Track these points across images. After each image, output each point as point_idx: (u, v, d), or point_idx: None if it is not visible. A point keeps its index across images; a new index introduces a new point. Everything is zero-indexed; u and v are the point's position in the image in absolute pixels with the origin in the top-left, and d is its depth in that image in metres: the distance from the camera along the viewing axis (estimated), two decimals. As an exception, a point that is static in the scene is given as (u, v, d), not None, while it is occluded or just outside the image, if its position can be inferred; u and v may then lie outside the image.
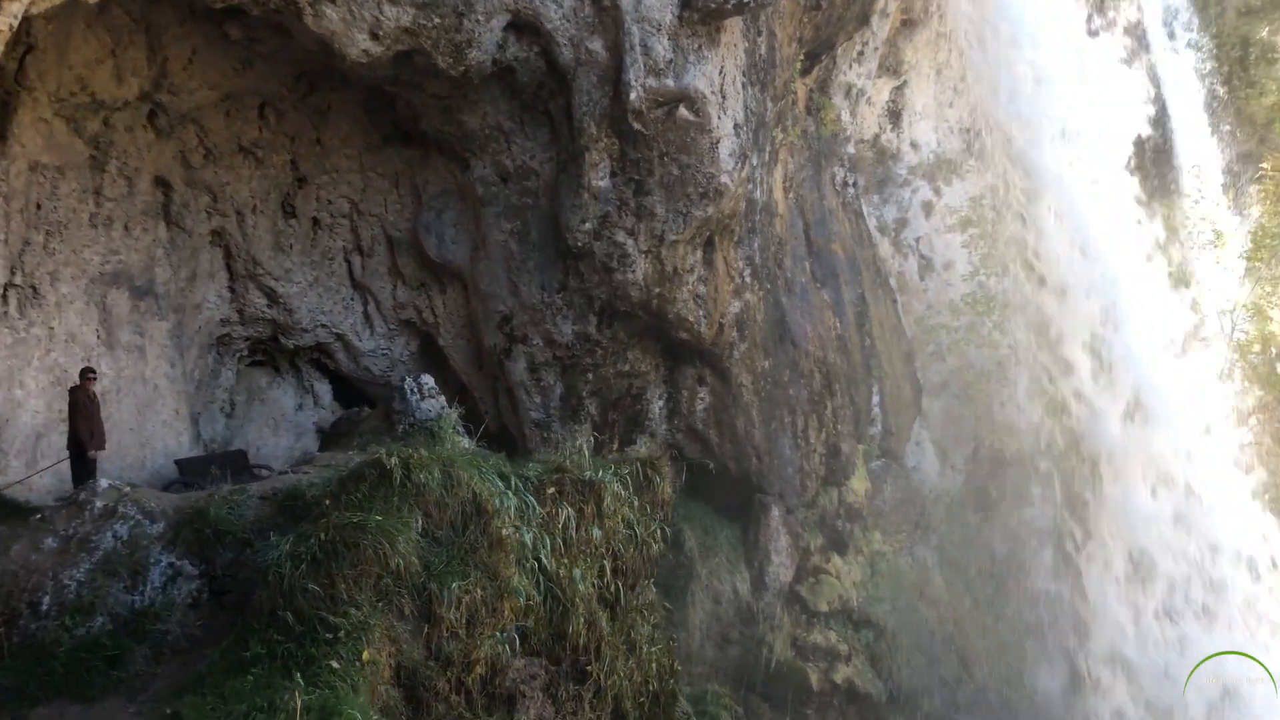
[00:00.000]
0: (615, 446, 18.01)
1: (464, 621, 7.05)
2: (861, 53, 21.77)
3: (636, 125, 15.27)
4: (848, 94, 21.84)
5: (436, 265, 18.49)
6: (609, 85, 15.25)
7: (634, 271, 16.28)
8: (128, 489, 7.50)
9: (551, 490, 7.75)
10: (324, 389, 20.90)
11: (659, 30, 14.90)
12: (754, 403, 18.07)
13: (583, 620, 7.64)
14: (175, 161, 17.06)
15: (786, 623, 17.67)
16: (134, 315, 16.75)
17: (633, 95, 14.92)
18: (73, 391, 14.91)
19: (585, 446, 10.57)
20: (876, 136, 26.33)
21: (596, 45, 15.18)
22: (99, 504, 7.28)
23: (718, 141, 15.69)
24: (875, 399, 20.78)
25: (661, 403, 18.06)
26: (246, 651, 6.74)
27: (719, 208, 16.18)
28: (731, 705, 14.18)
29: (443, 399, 9.58)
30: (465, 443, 9.27)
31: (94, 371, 14.97)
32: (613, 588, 8.16)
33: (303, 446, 20.42)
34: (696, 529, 17.94)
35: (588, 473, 8.27)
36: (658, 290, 16.47)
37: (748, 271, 17.67)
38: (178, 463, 16.80)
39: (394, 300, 19.37)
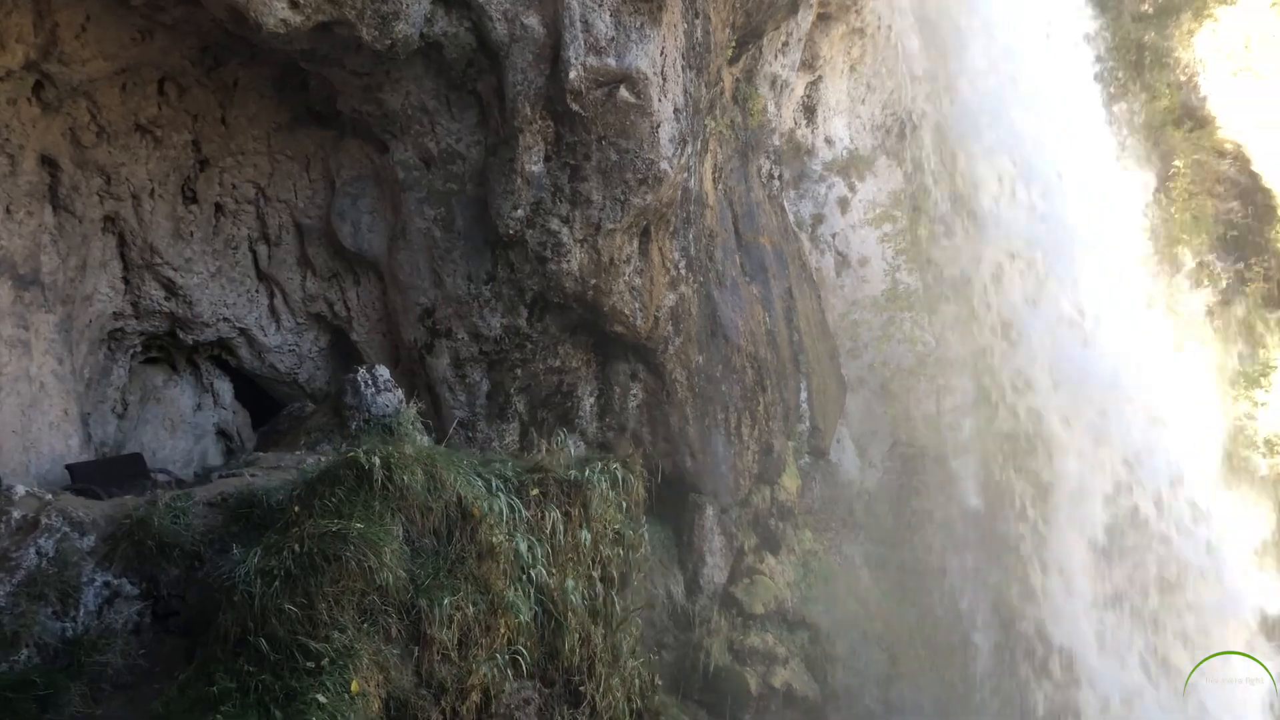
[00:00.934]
0: (545, 447, 17.18)
1: (456, 642, 6.21)
2: (786, 43, 21.38)
3: (575, 106, 14.49)
4: (773, 85, 21.42)
5: (351, 255, 17.40)
6: (545, 64, 14.44)
7: (569, 261, 15.49)
8: (49, 496, 6.44)
9: (535, 492, 6.96)
10: (225, 388, 19.55)
11: (600, 6, 14.17)
12: (688, 399, 17.45)
13: (576, 636, 6.86)
14: (64, 139, 15.60)
15: (723, 626, 17.10)
16: (17, 307, 15.21)
17: (572, 74, 14.14)
18: None
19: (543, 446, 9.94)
20: (792, 131, 26.05)
21: (533, 21, 14.36)
22: (16, 514, 6.20)
23: (658, 126, 15.01)
24: (804, 395, 20.40)
25: (593, 400, 17.30)
26: (212, 686, 5.68)
27: (658, 195, 15.51)
28: (679, 716, 13.48)
29: (399, 392, 8.69)
30: (425, 440, 8.40)
31: None
32: (602, 598, 7.40)
33: (202, 450, 19.08)
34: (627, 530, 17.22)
35: (572, 472, 7.49)
36: (593, 281, 15.72)
37: (683, 263, 17.04)
38: (69, 468, 15.37)
39: (303, 292, 18.18)
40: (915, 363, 23.80)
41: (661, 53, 14.83)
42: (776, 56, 21.28)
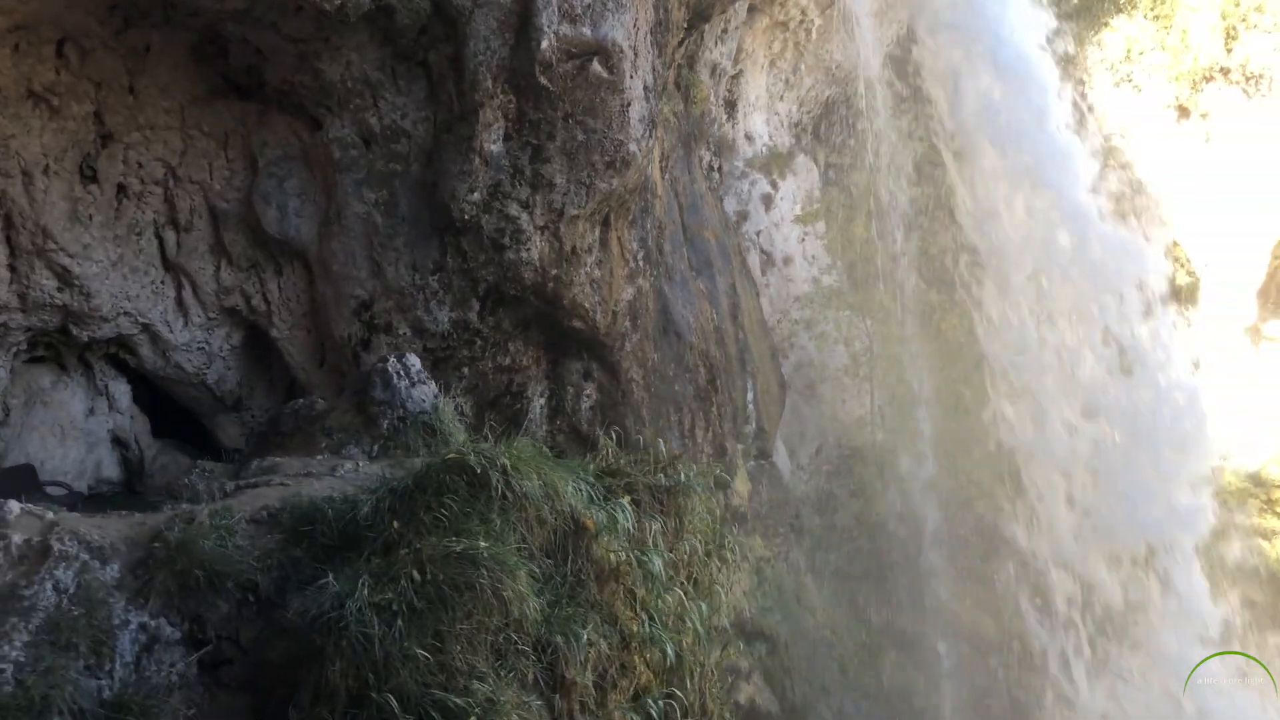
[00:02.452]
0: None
1: (593, 685, 5.06)
2: (725, 31, 20.61)
3: (543, 80, 13.30)
4: (713, 73, 20.62)
5: (275, 242, 15.75)
6: (510, 32, 13.20)
7: (528, 250, 14.27)
8: (49, 514, 5.00)
9: (627, 499, 5.83)
10: (121, 390, 17.62)
11: (576, -31, 13.03)
12: (644, 400, 16.39)
13: (695, 672, 5.72)
14: (-56, 106, 13.62)
15: (685, 640, 16.06)
16: (-111, 297, 13.20)
17: (544, 44, 12.95)
18: None
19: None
20: (717, 125, 25.34)
21: (500, -16, 13.12)
22: (17, 538, 4.74)
23: (629, 104, 13.93)
24: (750, 395, 19.58)
25: (543, 401, 16.06)
26: (327, 762, 4.43)
27: (624, 180, 14.44)
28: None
29: (433, 384, 7.41)
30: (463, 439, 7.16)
31: None
32: (708, 621, 6.27)
33: (96, 459, 17.14)
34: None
35: (660, 476, 6.35)
36: (554, 272, 14.53)
37: (641, 255, 16.00)
38: (-46, 482, 13.44)
39: (216, 284, 16.43)
40: (847, 363, 23.28)
41: (635, 25, 13.78)
42: (716, 44, 20.47)
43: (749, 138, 26.88)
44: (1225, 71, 30.98)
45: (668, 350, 17.14)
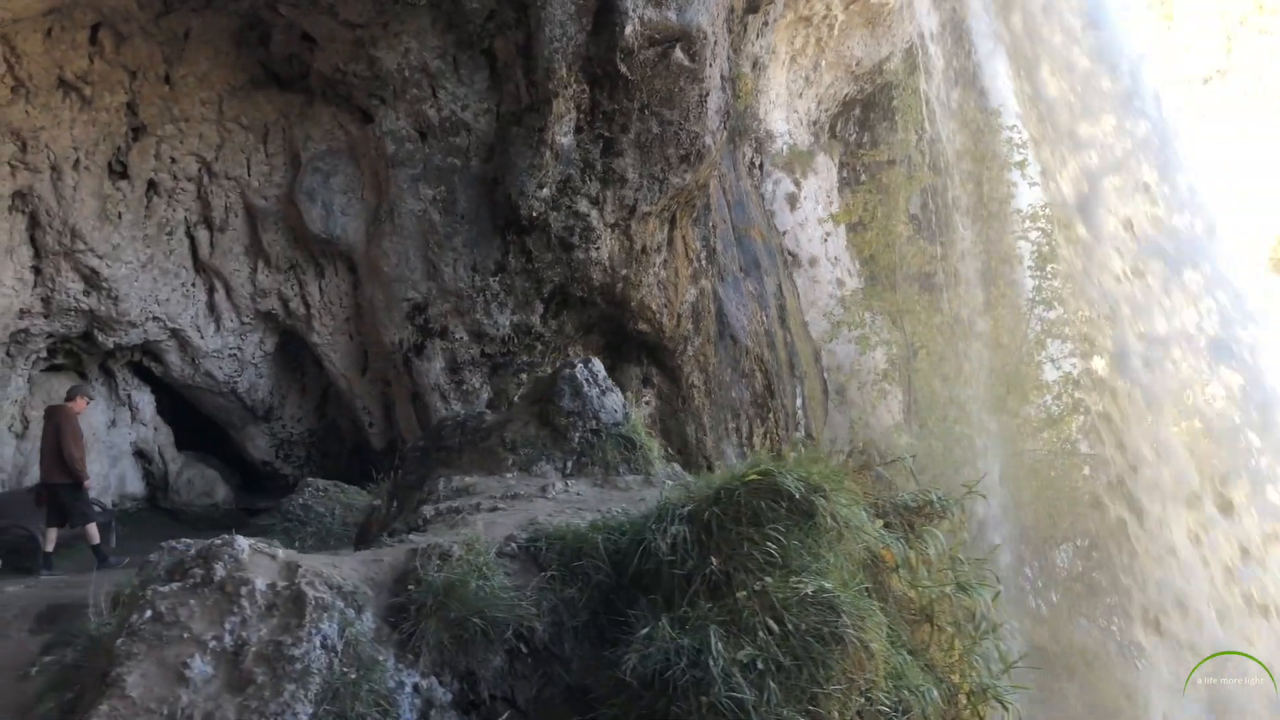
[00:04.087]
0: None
1: (934, 750, 4.36)
2: (765, 24, 19.89)
3: (623, 68, 12.51)
4: (754, 66, 19.90)
5: (318, 242, 14.86)
6: (588, 17, 12.39)
7: (598, 249, 13.49)
8: (279, 551, 4.17)
9: (881, 523, 5.08)
10: (145, 400, 16.67)
11: (663, -51, 12.26)
12: (704, 406, 15.63)
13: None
14: (-29, 94, 12.64)
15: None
16: (-86, 301, 12.19)
17: (628, 29, 12.16)
18: (60, 412, 12.66)
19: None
20: (757, 121, 24.65)
21: (580, -34, 12.32)
22: (260, 584, 3.93)
23: (707, 94, 13.18)
24: (799, 400, 18.85)
25: (601, 408, 15.24)
26: None
27: (696, 175, 13.70)
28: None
29: (619, 392, 6.63)
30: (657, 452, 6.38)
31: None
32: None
33: (120, 473, 16.18)
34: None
35: (906, 496, 5.57)
36: (624, 272, 13.75)
37: (704, 254, 15.25)
38: (-11, 500, 12.45)
39: (252, 287, 15.52)
40: (885, 366, 22.60)
41: (716, 9, 13.03)
42: (757, 37, 19.78)
43: (769, 135, 26.22)
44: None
45: (724, 354, 16.38)
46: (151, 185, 14.65)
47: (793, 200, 25.31)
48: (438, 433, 6.64)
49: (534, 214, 13.17)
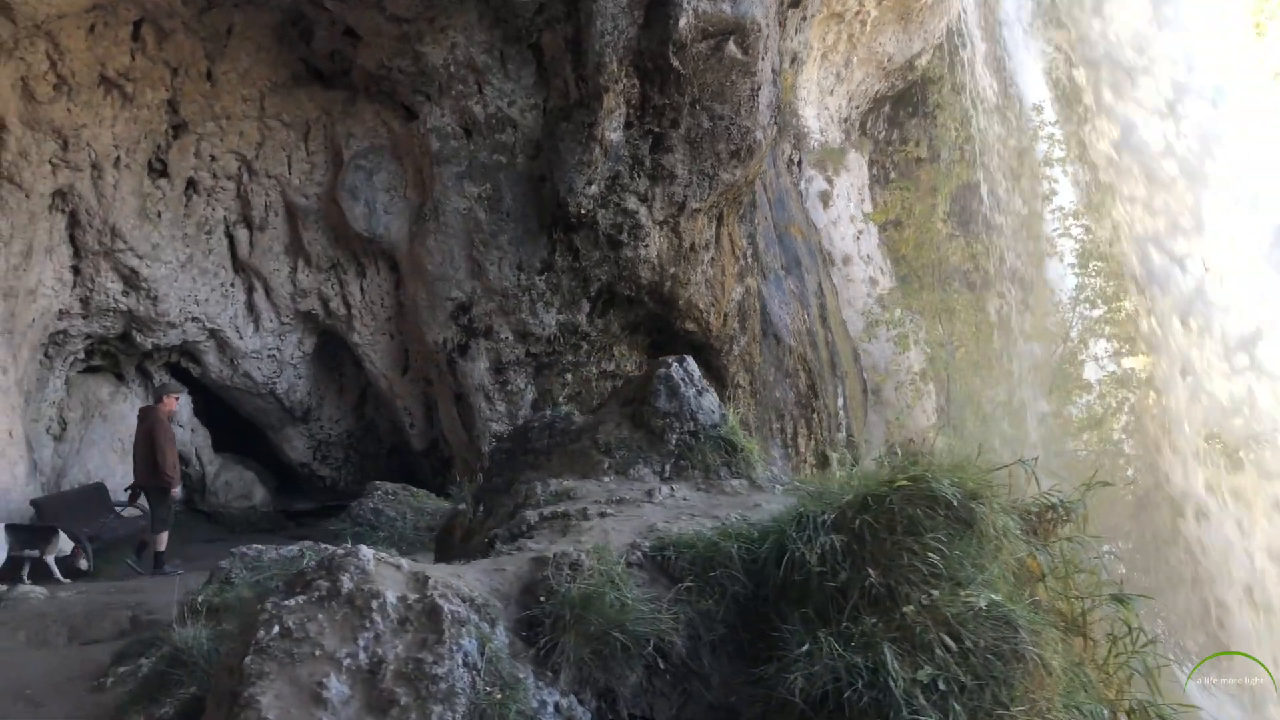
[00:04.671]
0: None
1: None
2: (804, 19, 19.61)
3: (675, 61, 12.26)
4: (792, 62, 19.63)
5: (361, 241, 14.67)
6: (640, 10, 12.14)
7: (646, 246, 13.24)
8: (403, 562, 3.94)
9: (1002, 523, 4.79)
10: (182, 401, 16.38)
11: (718, -60, 12.01)
12: (750, 407, 15.36)
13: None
14: (14, 91, 12.47)
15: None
16: (-44, 301, 12.03)
17: (682, 21, 11.91)
18: (152, 414, 12.50)
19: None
20: (796, 118, 24.39)
21: (632, -42, 12.09)
22: (390, 596, 3.71)
23: (758, 88, 12.93)
24: (840, 400, 18.59)
25: (646, 408, 15.00)
26: None
27: (746, 171, 13.45)
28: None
29: (713, 392, 6.41)
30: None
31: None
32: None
33: (157, 476, 15.90)
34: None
35: (1027, 500, 5.25)
36: (672, 270, 13.51)
37: (750, 252, 15.01)
38: (34, 504, 12.28)
39: (292, 286, 15.33)
40: (923, 366, 22.31)
41: (769, 1, 12.77)
42: (796, 31, 19.49)
43: (804, 133, 25.95)
44: None
45: (768, 354, 16.14)
46: (191, 184, 14.48)
47: (825, 198, 25.03)
48: (524, 434, 6.40)
49: (582, 211, 12.94)
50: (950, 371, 21.28)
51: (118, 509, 13.81)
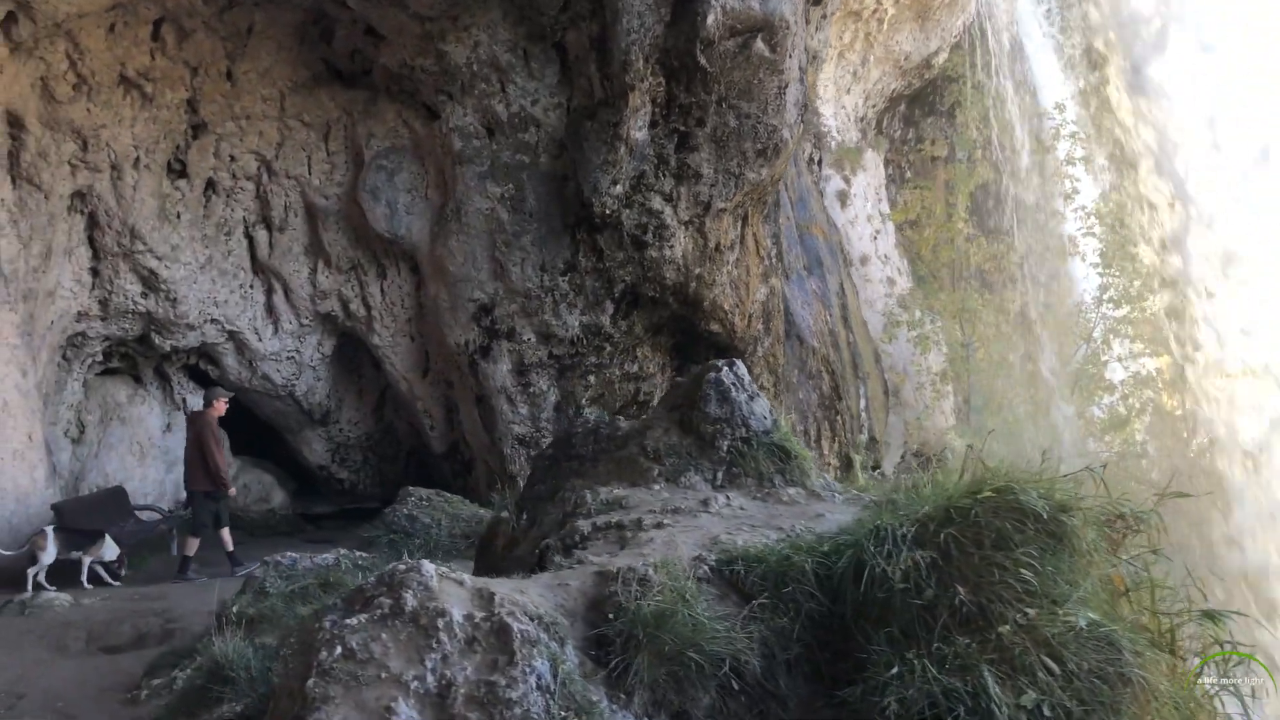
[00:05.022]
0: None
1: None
2: (824, 16, 19.39)
3: (702, 59, 12.09)
4: (813, 60, 19.41)
5: (382, 241, 14.52)
6: (666, 8, 11.98)
7: (671, 247, 13.07)
8: (465, 578, 3.79)
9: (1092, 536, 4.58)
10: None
11: (745, -63, 11.83)
12: (774, 409, 15.16)
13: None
14: (33, 91, 12.35)
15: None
16: (-22, 303, 11.89)
17: (710, 19, 11.73)
18: (201, 419, 12.52)
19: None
20: (819, 117, 24.24)
21: (659, -45, 11.93)
22: (457, 615, 3.56)
23: (785, 86, 12.76)
24: (863, 402, 18.41)
25: (669, 411, 14.82)
26: None
27: (773, 170, 13.27)
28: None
29: (764, 398, 6.24)
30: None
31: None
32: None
33: (175, 479, 15.81)
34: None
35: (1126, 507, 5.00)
36: (697, 271, 13.34)
37: (774, 252, 14.84)
38: (55, 508, 12.15)
39: (312, 288, 15.19)
40: (943, 367, 22.12)
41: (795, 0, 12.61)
42: (816, 30, 19.26)
43: (822, 132, 25.78)
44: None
45: (791, 355, 15.96)
46: (210, 184, 14.35)
47: (843, 198, 24.86)
48: (568, 441, 6.23)
49: (607, 211, 12.78)
50: (969, 372, 21.08)
51: (138, 512, 13.70)
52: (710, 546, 4.34)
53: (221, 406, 12.81)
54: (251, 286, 15.14)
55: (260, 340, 15.36)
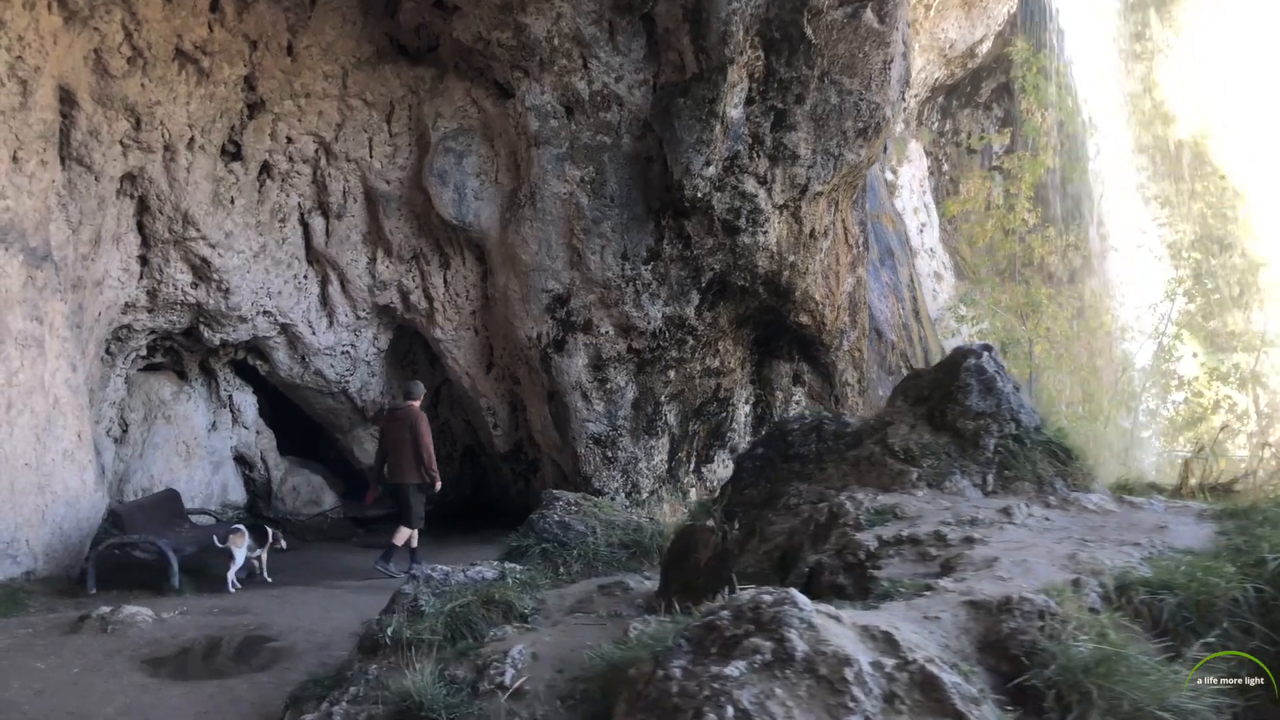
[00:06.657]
0: (692, 466, 13.91)
1: None
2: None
3: (808, 30, 11.33)
4: (878, 43, 18.63)
5: (447, 229, 13.68)
6: (769, -27, 11.20)
7: (765, 233, 12.27)
8: (845, 613, 2.99)
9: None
10: (247, 402, 15.49)
11: (859, -103, 11.05)
12: (858, 406, 14.38)
13: None
14: (86, 65, 11.46)
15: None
16: (29, 291, 10.98)
17: (819, -15, 10.97)
18: (412, 412, 11.68)
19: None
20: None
21: (762, -83, 11.13)
22: (865, 663, 2.77)
23: (890, 61, 11.98)
24: (934, 400, 17.61)
25: (749, 409, 14.06)
26: None
27: (871, 151, 12.50)
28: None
29: (1024, 389, 5.43)
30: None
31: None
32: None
33: (222, 481, 15.03)
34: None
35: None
36: (791, 259, 12.54)
37: (862, 239, 14.05)
38: (113, 513, 11.29)
39: (370, 278, 14.32)
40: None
41: (905, -32, 11.83)
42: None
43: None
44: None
45: (870, 350, 15.19)
46: (265, 168, 13.49)
47: (891, 189, 24.09)
48: (782, 439, 5.43)
49: (698, 195, 11.97)
50: (1031, 368, 20.28)
51: (191, 516, 12.86)
52: (1076, 568, 3.53)
53: (420, 399, 12.09)
54: (306, 277, 14.28)
55: (314, 333, 14.50)
